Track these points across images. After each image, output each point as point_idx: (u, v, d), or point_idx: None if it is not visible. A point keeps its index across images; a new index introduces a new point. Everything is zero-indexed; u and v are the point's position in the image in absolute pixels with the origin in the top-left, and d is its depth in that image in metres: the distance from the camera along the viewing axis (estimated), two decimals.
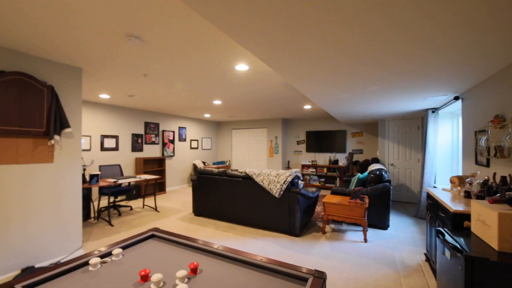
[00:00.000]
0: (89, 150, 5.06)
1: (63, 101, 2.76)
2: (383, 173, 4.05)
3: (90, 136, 5.07)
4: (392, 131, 5.87)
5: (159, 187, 6.56)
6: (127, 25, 1.91)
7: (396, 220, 4.31)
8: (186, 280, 1.19)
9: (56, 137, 2.63)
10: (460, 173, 4.10)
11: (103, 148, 5.30)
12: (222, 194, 4.12)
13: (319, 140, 7.53)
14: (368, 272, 2.55)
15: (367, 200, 3.55)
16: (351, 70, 2.33)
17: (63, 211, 2.76)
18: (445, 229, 1.82)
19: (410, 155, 5.68)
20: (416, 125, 5.60)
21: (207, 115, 7.25)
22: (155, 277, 1.11)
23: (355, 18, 1.41)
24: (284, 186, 3.49)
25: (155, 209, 4.90)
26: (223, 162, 8.68)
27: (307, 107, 5.58)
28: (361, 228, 3.84)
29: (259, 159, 8.26)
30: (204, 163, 7.97)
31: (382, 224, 3.82)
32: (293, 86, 3.50)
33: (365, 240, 3.33)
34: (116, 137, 5.58)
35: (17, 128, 2.39)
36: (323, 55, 1.96)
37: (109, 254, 1.45)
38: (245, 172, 3.93)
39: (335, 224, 4.05)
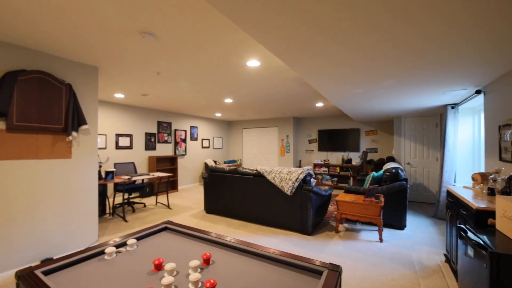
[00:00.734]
0: (105, 148, 5.21)
1: (80, 99, 2.85)
2: (399, 171, 3.91)
3: (105, 135, 5.22)
4: (408, 129, 5.67)
5: (171, 185, 6.66)
6: (141, 21, 1.95)
7: (413, 220, 4.15)
8: (198, 270, 1.19)
9: (74, 133, 2.72)
10: (482, 171, 3.90)
11: (118, 147, 5.44)
12: (233, 192, 4.12)
13: (332, 138, 7.40)
14: (384, 272, 2.47)
15: (382, 199, 3.44)
16: (365, 64, 2.26)
17: (80, 206, 2.84)
18: (467, 227, 1.72)
19: (427, 153, 5.47)
20: (434, 122, 5.39)
21: (218, 114, 7.30)
22: (169, 266, 1.11)
23: (368, 14, 1.36)
24: (296, 184, 3.44)
25: (168, 206, 4.98)
26: (234, 161, 8.71)
27: (319, 104, 5.49)
28: (376, 228, 3.73)
29: (270, 158, 8.22)
30: (215, 162, 8.02)
31: (398, 224, 3.69)
32: (306, 81, 3.45)
33: (381, 240, 3.23)
34: (130, 136, 5.72)
35: (37, 124, 2.49)
36: (336, 50, 1.92)
37: (124, 244, 1.47)
38: (257, 170, 3.91)
39: (349, 223, 3.96)
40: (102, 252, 1.37)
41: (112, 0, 1.67)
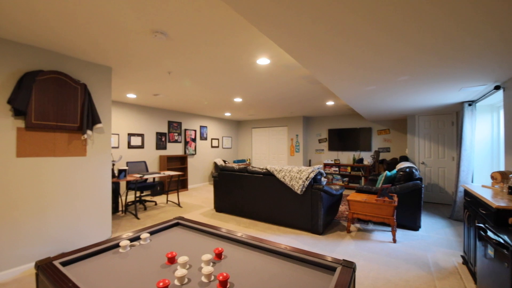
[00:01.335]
0: (117, 147, 5.33)
1: (94, 98, 2.92)
2: (414, 170, 3.81)
3: (118, 134, 5.34)
4: (422, 128, 5.51)
5: (181, 184, 6.74)
6: (153, 20, 1.98)
7: (428, 221, 4.03)
8: (211, 264, 1.20)
9: (89, 132, 2.79)
10: (501, 169, 3.73)
11: (130, 146, 5.56)
12: (243, 191, 4.12)
13: (342, 138, 7.29)
14: (398, 272, 2.40)
15: (396, 199, 3.35)
16: (378, 60, 2.21)
17: (94, 202, 2.92)
18: (487, 226, 1.65)
19: (443, 152, 5.30)
20: (449, 121, 5.21)
21: (227, 114, 7.34)
22: (182, 259, 1.13)
23: (381, 14, 1.33)
24: (307, 183, 3.41)
25: (178, 204, 5.04)
26: (243, 161, 8.73)
27: (330, 103, 5.43)
28: (389, 228, 3.64)
29: (279, 157, 8.19)
30: (224, 161, 8.07)
31: (412, 224, 3.59)
32: (317, 79, 3.41)
33: (394, 241, 3.14)
34: (141, 135, 5.83)
35: (54, 123, 2.57)
36: (350, 47, 1.88)
37: (137, 238, 1.50)
38: (266, 169, 3.90)
39: (361, 223, 3.88)
40: (117, 246, 1.40)
41: (125, 0, 1.70)
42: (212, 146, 7.99)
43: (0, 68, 2.27)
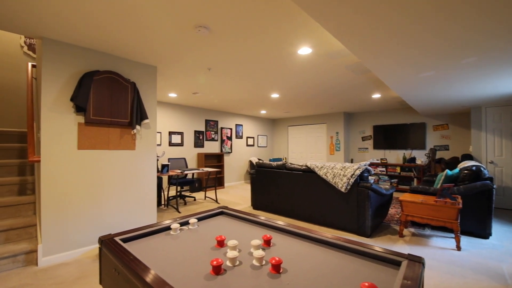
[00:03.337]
0: (160, 145, 5.66)
1: (141, 96, 3.11)
2: (482, 168, 3.26)
3: (160, 133, 5.67)
4: (491, 121, 4.73)
5: (218, 181, 6.89)
6: (196, 15, 1.99)
7: (500, 229, 3.41)
8: (260, 249, 1.14)
9: (138, 127, 2.97)
10: None
11: (170, 144, 5.87)
12: (281, 188, 4.00)
13: (390, 135, 6.67)
14: (465, 282, 2.04)
15: (460, 200, 2.89)
16: (439, 38, 1.90)
17: (141, 193, 3.10)
18: None
19: None
20: None
21: (263, 112, 7.29)
22: (231, 242, 1.11)
23: None
24: (352, 180, 3.15)
25: (216, 200, 5.13)
26: (279, 159, 8.59)
27: (376, 96, 4.99)
28: (450, 234, 3.16)
29: (317, 156, 7.86)
30: (259, 160, 8.03)
31: (481, 231, 3.07)
32: (363, 68, 3.15)
33: (458, 248, 2.71)
34: (181, 133, 6.11)
35: (109, 118, 2.79)
36: (407, 26, 1.64)
37: (186, 223, 1.52)
38: (306, 165, 3.72)
39: (415, 227, 3.45)
40: (167, 228, 1.44)
41: None
42: (247, 145, 8.03)
43: (64, 69, 2.53)
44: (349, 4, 1.48)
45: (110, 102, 2.80)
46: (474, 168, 3.27)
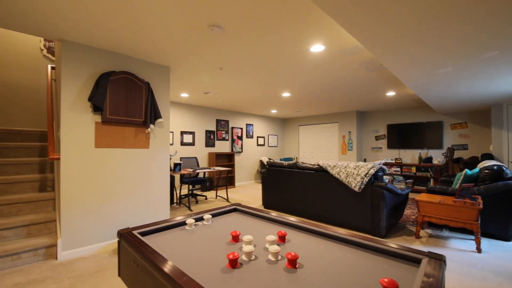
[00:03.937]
0: (172, 144, 5.75)
1: (155, 95, 3.17)
2: (504, 168, 3.11)
3: (172, 132, 5.76)
4: None
5: (229, 180, 6.92)
6: (210, 14, 2.01)
7: None
8: (275, 244, 1.14)
9: (151, 126, 3.03)
10: None
11: (182, 143, 5.95)
12: (292, 188, 3.98)
13: (405, 134, 6.49)
14: (486, 286, 1.96)
15: (480, 201, 2.78)
16: (459, 31, 1.83)
17: (155, 190, 3.15)
18: None
19: None
20: None
21: (273, 111, 7.27)
22: (246, 237, 1.12)
23: None
24: (366, 179, 3.08)
25: (227, 199, 5.16)
26: (290, 159, 8.54)
27: (391, 93, 4.87)
28: (470, 236, 3.04)
29: (329, 156, 7.75)
30: (270, 159, 8.01)
31: (502, 233, 2.93)
32: (377, 65, 3.09)
33: (478, 250, 2.61)
34: (192, 133, 6.18)
35: (124, 117, 2.86)
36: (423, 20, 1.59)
37: (200, 219, 1.54)
38: (318, 165, 3.68)
39: (433, 228, 3.34)
40: (183, 224, 1.46)
41: None
42: (258, 144, 8.03)
43: (82, 70, 2.61)
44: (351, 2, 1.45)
45: (126, 101, 2.87)
46: (495, 167, 3.13)
